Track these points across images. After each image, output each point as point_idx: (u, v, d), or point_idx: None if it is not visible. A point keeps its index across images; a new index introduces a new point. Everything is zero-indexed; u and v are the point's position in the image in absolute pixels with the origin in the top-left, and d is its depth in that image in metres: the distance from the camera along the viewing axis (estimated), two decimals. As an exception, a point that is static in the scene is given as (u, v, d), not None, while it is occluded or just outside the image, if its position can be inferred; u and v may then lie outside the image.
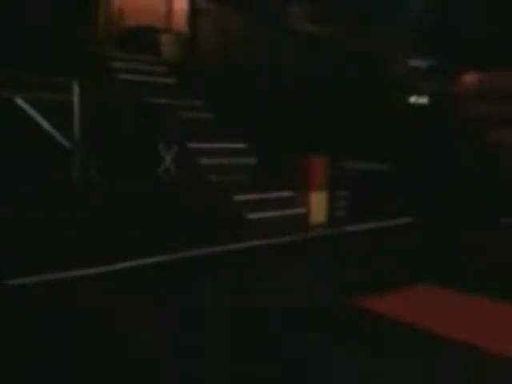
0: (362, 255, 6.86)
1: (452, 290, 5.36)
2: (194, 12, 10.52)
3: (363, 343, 4.08)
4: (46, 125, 7.24)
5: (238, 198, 7.61)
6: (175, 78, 9.60)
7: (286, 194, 8.29)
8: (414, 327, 4.35)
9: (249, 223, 7.38)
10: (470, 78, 12.39)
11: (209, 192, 7.59)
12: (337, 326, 4.42)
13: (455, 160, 9.65)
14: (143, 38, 10.01)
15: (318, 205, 8.52)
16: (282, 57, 10.70)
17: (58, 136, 7.31)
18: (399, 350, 3.98)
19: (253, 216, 7.47)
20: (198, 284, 5.45)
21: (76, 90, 7.53)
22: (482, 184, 9.23)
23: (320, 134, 9.41)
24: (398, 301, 5.04)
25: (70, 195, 6.71)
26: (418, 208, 9.12)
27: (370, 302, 4.93)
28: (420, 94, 11.70)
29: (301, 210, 8.24)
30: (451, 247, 7.44)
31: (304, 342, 4.09)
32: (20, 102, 7.11)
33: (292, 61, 10.72)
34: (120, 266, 5.85)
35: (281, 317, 4.60)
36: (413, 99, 11.63)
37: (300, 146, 8.88)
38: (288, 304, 4.92)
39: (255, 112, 9.44)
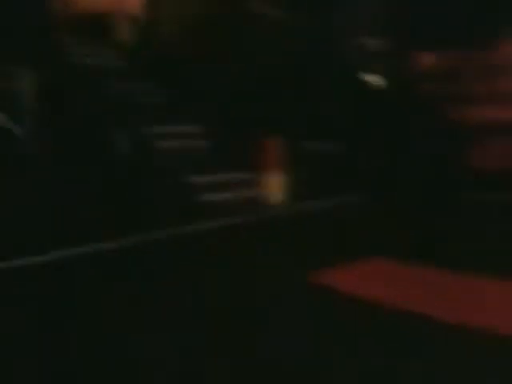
0: (321, 233, 6.92)
1: (405, 263, 5.45)
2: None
3: (319, 318, 4.13)
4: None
5: (194, 180, 7.57)
6: (130, 63, 9.45)
7: (242, 175, 8.28)
8: (369, 300, 4.41)
9: (205, 205, 7.36)
10: (426, 58, 12.56)
11: (164, 175, 7.52)
12: (294, 302, 4.46)
13: (411, 139, 9.80)
14: (97, 23, 9.82)
15: (275, 185, 8.55)
16: (239, 41, 10.64)
17: (6, 122, 7.13)
18: (355, 324, 4.03)
19: (209, 198, 7.45)
20: (154, 269, 5.41)
21: (27, 75, 7.35)
22: (438, 162, 9.39)
23: (276, 115, 9.41)
24: (353, 275, 5.11)
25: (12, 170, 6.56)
26: (375, 186, 9.25)
27: (325, 276, 4.98)
28: (376, 74, 11.80)
29: (258, 191, 8.26)
30: (408, 223, 7.57)
31: (263, 319, 4.11)
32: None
33: (248, 45, 10.67)
34: (76, 250, 5.77)
35: (237, 294, 4.61)
36: (368, 80, 11.73)
37: (257, 127, 8.88)
38: (245, 281, 4.94)
39: (211, 95, 9.39)
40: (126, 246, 6.04)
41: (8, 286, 4.75)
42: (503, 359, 3.37)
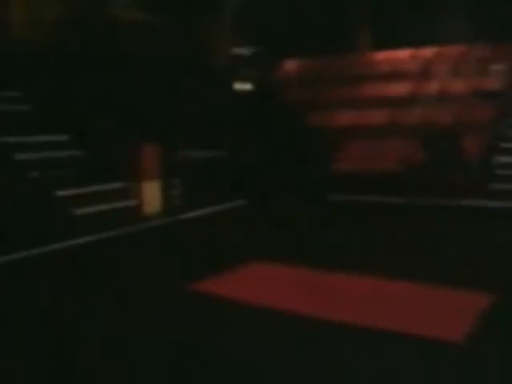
0: (196, 241, 6.85)
1: (284, 266, 5.54)
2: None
3: (201, 326, 4.06)
4: None
5: (62, 193, 7.11)
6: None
7: (115, 185, 7.95)
8: (253, 305, 4.41)
9: (75, 220, 6.94)
10: (291, 65, 13.08)
11: (27, 189, 6.97)
12: (177, 312, 4.33)
13: (280, 144, 10.10)
14: None
15: (151, 195, 8.32)
16: (103, 44, 10.25)
17: None
18: (244, 329, 4.01)
19: (79, 211, 7.04)
20: (18, 287, 4.99)
21: None
22: (304, 166, 9.75)
23: (151, 123, 9.19)
24: (234, 281, 5.11)
25: None
26: (248, 192, 9.39)
27: (206, 285, 4.92)
28: (244, 80, 12.04)
29: (133, 202, 7.98)
30: (280, 226, 7.77)
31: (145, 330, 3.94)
32: None
33: (114, 48, 10.31)
34: None
35: (117, 306, 4.39)
36: (238, 86, 11.93)
37: (130, 135, 8.59)
38: (124, 294, 4.72)
39: (78, 102, 8.91)
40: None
41: None
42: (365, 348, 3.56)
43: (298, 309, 4.28)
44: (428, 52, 11.71)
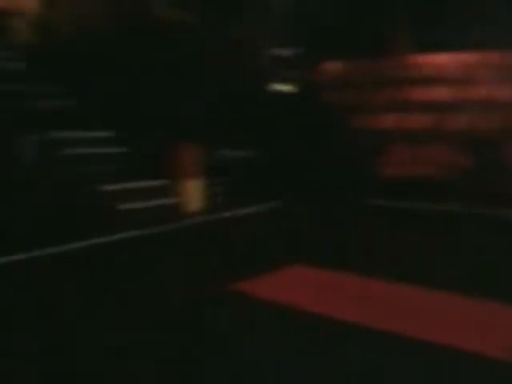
0: (236, 240, 6.83)
1: (324, 270, 5.48)
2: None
3: (241, 328, 4.03)
4: None
5: (108, 188, 7.18)
6: (29, 64, 8.81)
7: (159, 182, 8.01)
8: (293, 308, 4.36)
9: (120, 214, 7.00)
10: (332, 66, 13.00)
11: (74, 184, 7.06)
12: (216, 312, 4.32)
13: (320, 146, 10.04)
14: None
15: (192, 193, 8.36)
16: (143, 44, 10.32)
17: None
18: (279, 332, 3.98)
19: (124, 207, 7.09)
20: (70, 280, 5.03)
21: None
22: (344, 169, 9.69)
23: (192, 122, 9.24)
24: (273, 283, 5.07)
25: None
26: (287, 193, 9.36)
27: (244, 285, 4.89)
28: (285, 82, 12.01)
29: (176, 199, 8.02)
30: (319, 229, 7.71)
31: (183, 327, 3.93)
32: None
33: (155, 48, 10.38)
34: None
35: (161, 305, 4.39)
36: (278, 87, 11.91)
37: (173, 134, 8.64)
38: (165, 292, 4.73)
39: (124, 99, 9.00)
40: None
41: None
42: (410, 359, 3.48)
43: (335, 314, 4.22)
44: (472, 57, 11.51)
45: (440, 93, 10.85)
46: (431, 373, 3.29)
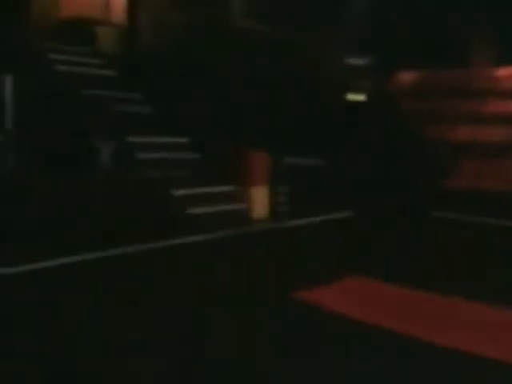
0: (303, 249, 6.94)
1: (384, 281, 5.48)
2: (133, 4, 10.31)
3: (305, 338, 4.14)
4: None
5: (178, 192, 7.53)
6: (114, 71, 9.38)
7: (227, 188, 8.28)
8: (350, 318, 4.44)
9: (189, 218, 7.32)
10: (406, 76, 12.80)
11: (148, 187, 7.46)
12: (277, 320, 4.46)
13: (391, 156, 9.94)
14: (80, 30, 9.73)
15: (259, 199, 8.56)
16: (222, 53, 10.67)
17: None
18: (341, 342, 4.05)
19: (193, 211, 7.41)
20: (137, 281, 5.36)
21: (8, 81, 7.23)
22: (415, 179, 9.54)
23: (260, 129, 9.45)
24: (334, 293, 5.14)
25: (2, 189, 6.42)
26: (356, 202, 9.33)
27: (307, 294, 5.00)
28: (357, 91, 11.97)
29: (242, 205, 8.26)
30: (386, 241, 7.66)
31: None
32: None
33: (231, 57, 10.71)
34: (55, 262, 5.67)
35: (217, 309, 4.59)
36: (350, 97, 11.89)
37: (241, 141, 8.90)
38: (226, 297, 4.92)
39: (196, 107, 9.37)
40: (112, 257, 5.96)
41: None
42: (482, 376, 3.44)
43: (396, 328, 4.23)
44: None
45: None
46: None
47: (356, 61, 12.57)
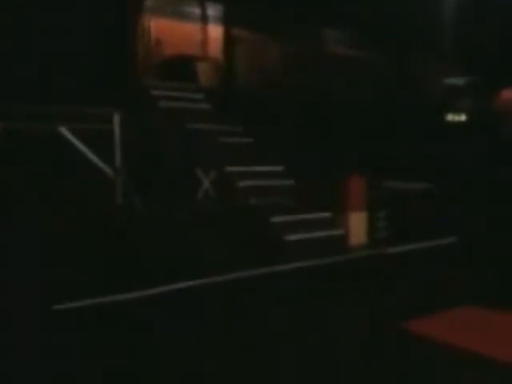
0: (405, 277, 6.71)
1: (497, 311, 5.16)
2: (229, 40, 10.76)
3: (412, 368, 4.01)
4: (88, 153, 7.47)
5: (276, 219, 7.62)
6: (213, 105, 9.77)
7: (324, 215, 8.25)
8: (461, 349, 4.22)
9: (287, 245, 7.37)
10: (509, 94, 12.16)
11: (247, 214, 7.63)
12: (386, 352, 4.34)
13: (496, 178, 9.42)
14: (181, 67, 10.27)
15: (357, 226, 8.42)
16: (319, 81, 10.77)
17: (100, 163, 7.54)
18: (449, 373, 3.88)
19: (291, 238, 7.46)
20: (240, 306, 5.47)
21: (117, 118, 7.76)
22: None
23: (358, 154, 9.38)
24: (444, 323, 4.91)
25: (113, 220, 6.86)
26: (459, 228, 8.90)
27: (415, 324, 4.81)
28: (458, 111, 11.54)
29: (340, 231, 8.18)
30: (497, 268, 7.22)
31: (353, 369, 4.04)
32: (64, 131, 7.38)
33: (329, 85, 10.77)
34: (162, 289, 5.92)
35: (325, 342, 4.56)
36: (451, 117, 11.48)
37: (338, 167, 8.86)
38: (332, 329, 4.88)
39: (292, 136, 9.50)
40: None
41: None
42: None
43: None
44: None
45: None
46: None
47: (456, 80, 12.16)
